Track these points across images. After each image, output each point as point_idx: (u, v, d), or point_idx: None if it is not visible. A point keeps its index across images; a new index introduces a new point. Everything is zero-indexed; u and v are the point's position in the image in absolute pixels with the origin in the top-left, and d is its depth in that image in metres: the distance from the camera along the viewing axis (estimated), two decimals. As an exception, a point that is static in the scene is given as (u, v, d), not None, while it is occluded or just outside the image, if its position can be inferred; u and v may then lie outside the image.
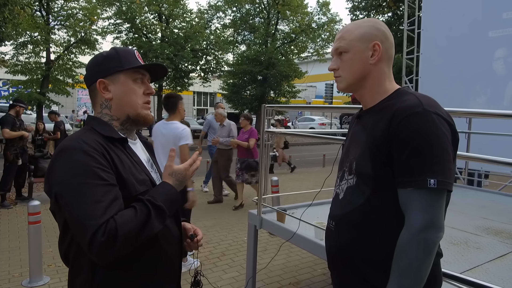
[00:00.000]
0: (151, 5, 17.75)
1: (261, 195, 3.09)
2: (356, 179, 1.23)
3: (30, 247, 3.48)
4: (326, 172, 2.01)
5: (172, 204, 1.18)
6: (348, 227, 1.25)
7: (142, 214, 1.08)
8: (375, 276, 1.18)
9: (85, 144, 1.11)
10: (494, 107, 6.43)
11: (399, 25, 13.48)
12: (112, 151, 1.16)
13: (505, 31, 6.31)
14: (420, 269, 1.07)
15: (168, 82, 19.41)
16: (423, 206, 1.07)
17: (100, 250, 1.01)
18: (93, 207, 1.02)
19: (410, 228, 1.07)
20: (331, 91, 26.54)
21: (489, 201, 3.93)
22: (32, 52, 14.51)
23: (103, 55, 1.27)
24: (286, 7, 20.94)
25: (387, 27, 1.29)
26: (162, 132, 3.64)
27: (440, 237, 1.09)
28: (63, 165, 1.08)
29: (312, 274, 3.88)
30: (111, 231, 1.01)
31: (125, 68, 1.24)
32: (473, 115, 4.09)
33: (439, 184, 1.06)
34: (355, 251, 1.22)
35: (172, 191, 1.20)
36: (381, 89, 1.26)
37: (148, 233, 1.10)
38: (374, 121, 1.21)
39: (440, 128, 1.09)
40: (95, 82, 1.23)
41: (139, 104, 1.27)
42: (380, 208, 1.18)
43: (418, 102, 1.13)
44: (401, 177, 1.11)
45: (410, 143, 1.09)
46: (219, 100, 34.80)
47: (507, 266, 2.23)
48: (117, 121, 1.26)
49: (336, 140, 3.04)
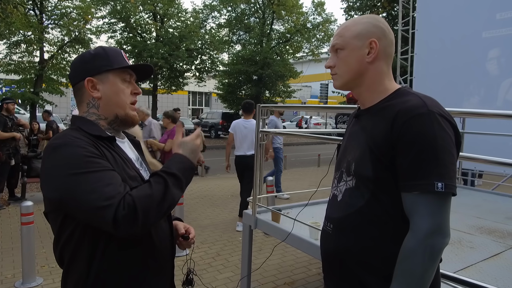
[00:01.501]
0: (146, 5, 17.69)
1: (256, 195, 3.09)
2: (355, 181, 1.19)
3: (23, 248, 3.45)
4: (321, 171, 2.01)
5: (187, 172, 1.18)
6: (347, 230, 1.21)
7: (158, 185, 1.08)
8: (372, 282, 1.15)
9: (76, 139, 1.09)
10: (487, 107, 6.47)
11: (393, 25, 13.53)
12: (103, 148, 1.15)
13: (498, 31, 6.36)
14: (425, 276, 1.04)
15: (163, 81, 19.37)
16: (430, 210, 1.03)
17: (127, 224, 1.00)
18: (106, 189, 1.01)
19: (417, 234, 1.04)
20: (326, 91, 26.59)
21: (483, 201, 3.95)
22: (25, 51, 14.42)
23: (90, 53, 1.24)
24: (281, 7, 20.98)
25: (387, 24, 1.24)
26: (244, 126, 5.31)
27: (446, 243, 1.05)
28: (61, 160, 1.06)
29: (307, 274, 3.88)
30: (129, 204, 1.00)
31: (115, 68, 1.22)
32: (467, 115, 4.12)
33: (446, 188, 1.02)
34: (353, 255, 1.19)
35: (184, 159, 1.20)
36: (380, 88, 1.22)
37: (170, 202, 1.10)
38: (373, 122, 1.18)
39: (445, 130, 1.06)
40: (83, 80, 1.21)
41: (127, 104, 1.26)
42: (380, 212, 1.14)
43: (421, 102, 1.09)
44: (405, 180, 1.07)
45: (415, 145, 1.05)
46: (215, 99, 34.75)
47: (500, 265, 2.24)
48: (105, 121, 1.25)
49: (331, 140, 3.04)
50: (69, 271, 1.16)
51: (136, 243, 1.15)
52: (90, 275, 1.11)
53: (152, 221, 1.05)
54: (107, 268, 1.12)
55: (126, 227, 1.00)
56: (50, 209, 1.15)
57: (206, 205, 6.67)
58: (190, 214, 5.99)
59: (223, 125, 22.07)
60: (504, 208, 3.65)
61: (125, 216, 0.99)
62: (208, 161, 10.75)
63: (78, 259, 1.13)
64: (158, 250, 1.24)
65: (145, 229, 1.05)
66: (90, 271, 1.11)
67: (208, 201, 6.97)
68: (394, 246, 1.11)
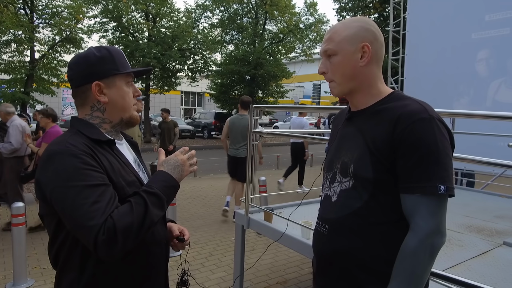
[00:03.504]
0: (138, 4, 17.55)
1: (248, 195, 3.10)
2: (353, 182, 1.20)
3: (14, 250, 3.42)
4: (313, 171, 2.03)
5: (169, 190, 1.18)
6: (344, 231, 1.21)
7: (138, 206, 1.08)
8: (371, 283, 1.16)
9: (73, 147, 1.09)
10: (477, 107, 6.57)
11: (385, 26, 13.64)
12: (100, 154, 1.15)
13: (487, 33, 6.46)
14: (424, 274, 1.08)
15: (156, 81, 19.25)
16: (431, 211, 1.07)
17: (105, 248, 1.01)
18: (92, 208, 1.02)
19: (418, 234, 1.07)
20: (318, 91, 26.71)
21: (472, 200, 4.01)
22: (15, 50, 14.20)
23: (96, 55, 1.21)
24: (273, 7, 20.98)
25: (376, 26, 1.25)
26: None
27: (444, 242, 1.10)
28: (54, 170, 1.07)
29: (299, 273, 3.91)
30: (109, 228, 1.01)
31: (121, 72, 1.23)
32: (457, 115, 4.17)
33: (448, 190, 1.07)
34: (351, 256, 1.19)
35: (167, 177, 1.20)
36: (374, 91, 1.24)
37: (150, 222, 1.10)
38: (370, 124, 1.19)
39: (444, 135, 1.11)
40: (89, 83, 1.19)
41: (132, 106, 1.28)
42: (378, 213, 1.16)
43: (422, 108, 1.12)
44: (407, 182, 1.10)
45: (418, 149, 1.08)
46: (207, 99, 34.62)
47: (488, 263, 2.28)
48: (109, 124, 1.26)
49: (324, 140, 3.07)
50: (63, 272, 1.17)
51: None
52: (84, 276, 1.12)
53: (130, 245, 1.06)
54: (101, 270, 1.13)
55: (104, 250, 1.02)
56: (44, 212, 1.16)
57: (198, 205, 6.66)
58: (182, 214, 5.98)
59: (216, 125, 22.02)
60: (492, 207, 3.72)
61: (104, 241, 1.01)
62: (201, 161, 10.73)
63: (72, 260, 1.13)
64: (153, 252, 1.24)
65: (124, 251, 1.05)
66: (84, 272, 1.12)
67: (201, 201, 6.96)
68: (390, 246, 1.14)
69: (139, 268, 1.21)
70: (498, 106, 6.23)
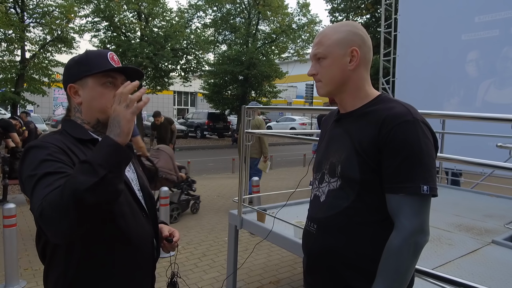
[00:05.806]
0: (130, 4, 17.44)
1: (241, 195, 3.11)
2: (340, 183, 1.23)
3: (6, 251, 3.40)
4: (306, 171, 2.05)
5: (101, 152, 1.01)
6: (332, 230, 1.25)
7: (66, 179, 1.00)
8: (357, 280, 1.19)
9: (47, 143, 1.14)
10: (467, 107, 6.66)
11: (376, 27, 13.73)
12: (80, 151, 1.17)
13: (476, 34, 6.55)
14: (408, 271, 1.12)
15: (148, 81, 19.16)
16: (414, 211, 1.10)
17: (45, 226, 0.98)
18: (41, 191, 1.01)
19: (402, 232, 1.10)
20: (311, 92, 26.75)
21: (462, 199, 4.07)
22: (6, 50, 14.05)
23: (74, 59, 1.29)
24: (266, 7, 21.01)
25: (365, 30, 1.29)
26: None
27: (427, 240, 1.13)
28: (26, 162, 1.11)
29: (292, 273, 3.93)
30: (43, 206, 0.97)
31: (93, 73, 1.23)
32: (446, 117, 4.24)
33: (431, 190, 1.10)
34: (338, 254, 1.23)
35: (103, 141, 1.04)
36: (361, 94, 1.27)
37: (73, 187, 0.95)
38: (358, 126, 1.23)
39: (427, 137, 1.15)
40: (67, 86, 1.26)
41: (109, 108, 1.19)
42: (364, 212, 1.19)
43: (406, 110, 1.16)
44: (392, 182, 1.13)
45: (402, 150, 1.12)
46: (200, 99, 34.54)
47: (477, 261, 2.32)
48: (88, 125, 1.28)
49: (316, 141, 3.09)
50: (50, 267, 1.20)
51: (114, 240, 1.18)
52: (70, 270, 1.15)
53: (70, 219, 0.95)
54: (86, 263, 1.15)
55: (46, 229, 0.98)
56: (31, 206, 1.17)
57: (192, 205, 6.64)
58: (176, 215, 5.96)
59: (209, 125, 21.98)
60: (482, 206, 3.77)
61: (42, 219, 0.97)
62: (194, 161, 10.71)
63: (58, 254, 1.16)
64: (138, 248, 1.25)
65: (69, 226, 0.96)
66: (69, 266, 1.14)
67: (194, 202, 6.94)
68: (376, 245, 1.16)
69: (124, 266, 1.22)
70: (488, 106, 6.32)
